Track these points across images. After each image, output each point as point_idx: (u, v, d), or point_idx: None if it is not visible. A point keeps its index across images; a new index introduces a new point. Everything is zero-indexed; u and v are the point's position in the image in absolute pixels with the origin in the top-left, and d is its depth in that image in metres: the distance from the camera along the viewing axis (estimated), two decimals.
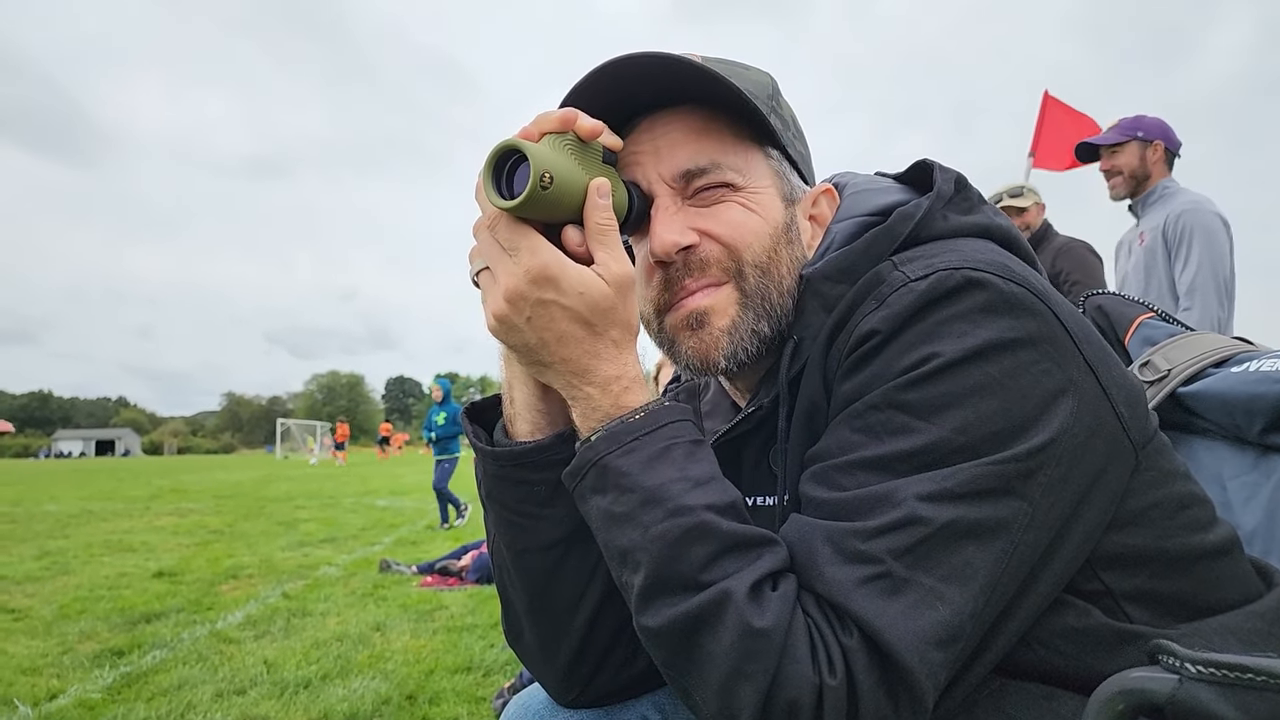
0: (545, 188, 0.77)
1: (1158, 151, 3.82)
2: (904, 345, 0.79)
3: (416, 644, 4.62)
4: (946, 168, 0.99)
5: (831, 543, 0.75)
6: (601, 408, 0.83)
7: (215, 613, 5.48)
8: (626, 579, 0.79)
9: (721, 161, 0.95)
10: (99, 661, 4.33)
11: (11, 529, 10.55)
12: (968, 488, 0.74)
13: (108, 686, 3.89)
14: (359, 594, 6.05)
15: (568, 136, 0.83)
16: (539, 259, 0.79)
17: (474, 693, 3.76)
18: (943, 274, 0.81)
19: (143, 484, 21.49)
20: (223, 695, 3.77)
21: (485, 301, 0.83)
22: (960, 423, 0.75)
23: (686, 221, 0.94)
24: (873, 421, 0.79)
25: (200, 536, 9.64)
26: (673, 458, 0.80)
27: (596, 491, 0.81)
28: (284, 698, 3.72)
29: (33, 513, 12.96)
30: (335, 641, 4.67)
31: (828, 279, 0.92)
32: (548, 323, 0.80)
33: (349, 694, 3.75)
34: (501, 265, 0.81)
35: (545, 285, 0.79)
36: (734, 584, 0.72)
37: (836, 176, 1.10)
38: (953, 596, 0.72)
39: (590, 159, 0.86)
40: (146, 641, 4.72)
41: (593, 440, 0.82)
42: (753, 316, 0.94)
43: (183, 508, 13.71)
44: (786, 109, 1.03)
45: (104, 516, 12.23)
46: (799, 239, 1.00)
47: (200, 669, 4.16)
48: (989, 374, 0.76)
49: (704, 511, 0.76)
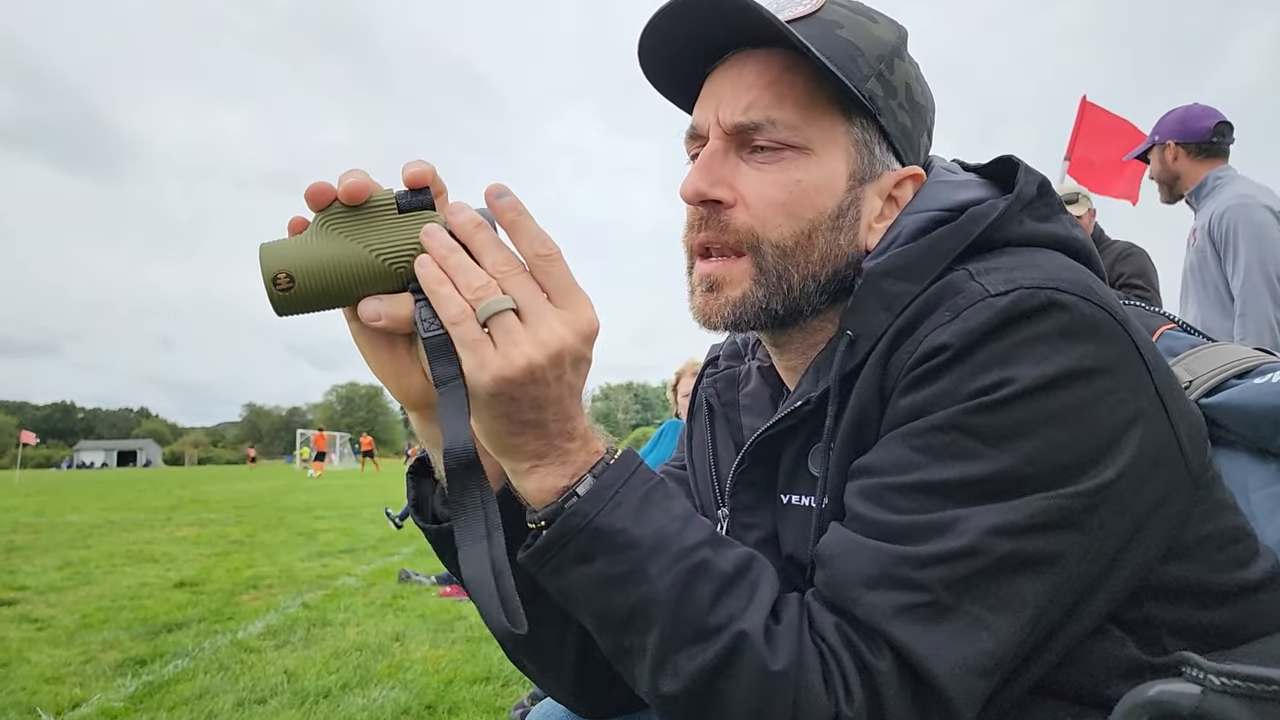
0: (286, 289, 0.71)
1: (1172, 150, 3.67)
2: (976, 365, 0.75)
3: (436, 654, 4.63)
4: (1032, 169, 0.93)
5: (878, 565, 0.72)
6: (579, 458, 0.76)
7: (236, 622, 5.52)
8: (633, 642, 0.75)
9: (780, 119, 0.87)
10: (121, 670, 4.36)
11: (35, 539, 10.66)
12: (1030, 521, 0.71)
13: (130, 695, 3.92)
14: (378, 604, 6.07)
15: (332, 212, 0.73)
16: (596, 318, 0.73)
17: (493, 703, 3.76)
18: (1025, 292, 0.76)
19: (164, 494, 21.68)
20: (244, 704, 3.79)
21: (504, 347, 0.70)
22: (1029, 453, 0.72)
23: (728, 173, 0.89)
24: (934, 442, 0.75)
25: (221, 547, 9.71)
26: (655, 500, 0.76)
27: (583, 560, 0.74)
28: (304, 707, 3.74)
29: (55, 523, 13.09)
30: (355, 651, 4.69)
31: (888, 275, 0.86)
32: (575, 381, 0.73)
33: (369, 704, 3.76)
34: (548, 317, 0.70)
35: (588, 347, 0.73)
36: (747, 625, 0.71)
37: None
38: (999, 626, 0.70)
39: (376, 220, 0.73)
40: (168, 651, 4.76)
41: (574, 505, 0.74)
42: (764, 294, 0.89)
43: (203, 518, 13.81)
44: (902, 73, 0.92)
45: (125, 527, 12.34)
46: (853, 224, 0.91)
47: (221, 678, 4.19)
48: (1063, 403, 0.73)
49: (701, 549, 0.74)
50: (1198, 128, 3.64)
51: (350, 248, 0.72)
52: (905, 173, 0.94)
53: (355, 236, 0.72)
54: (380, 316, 0.73)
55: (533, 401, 0.71)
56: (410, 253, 0.73)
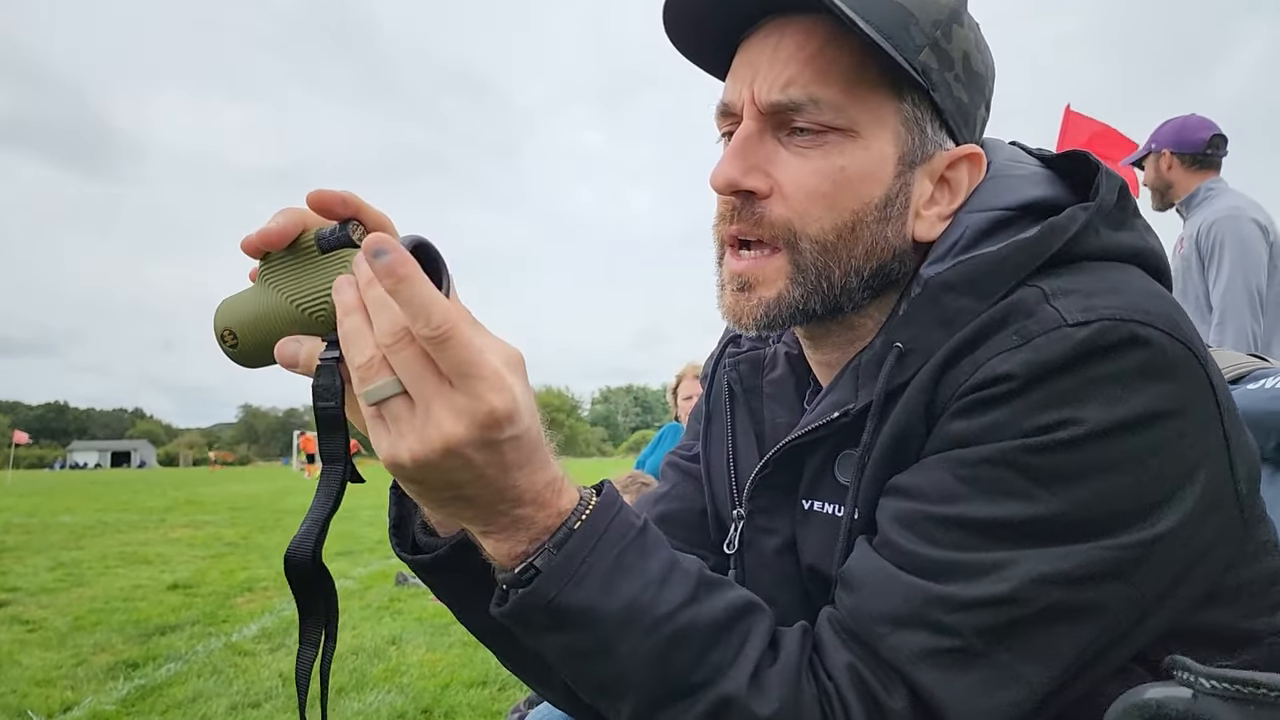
0: (234, 346, 0.70)
1: (1166, 159, 3.70)
2: (1041, 401, 0.69)
3: (432, 658, 4.63)
4: (1113, 172, 0.84)
5: (909, 604, 0.68)
6: (538, 523, 0.67)
7: (230, 625, 5.51)
8: (608, 706, 0.72)
9: (823, 98, 0.79)
10: (113, 674, 4.35)
11: (27, 540, 10.61)
12: (1079, 571, 0.67)
13: (122, 699, 3.92)
14: (375, 607, 6.06)
15: (269, 260, 0.68)
16: (502, 398, 0.59)
17: (490, 707, 3.76)
18: (1106, 324, 0.69)
19: (158, 495, 21.60)
20: (237, 708, 3.78)
21: (395, 434, 0.61)
22: (1086, 498, 0.68)
23: (764, 158, 0.81)
24: (984, 476, 0.70)
25: (215, 549, 9.69)
26: (627, 565, 0.68)
27: (550, 630, 0.69)
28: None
29: (48, 524, 13.04)
30: (351, 655, 4.68)
31: (950, 288, 0.78)
32: (493, 460, 0.62)
33: (364, 708, 3.76)
34: (442, 402, 0.59)
35: (503, 425, 0.60)
36: (730, 686, 0.67)
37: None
38: (1029, 677, 0.67)
39: (303, 265, 0.67)
40: (161, 654, 4.75)
41: (532, 583, 0.66)
42: (801, 294, 0.82)
43: (198, 520, 13.76)
44: (960, 40, 0.82)
45: (119, 528, 12.29)
46: (901, 213, 0.83)
47: (215, 682, 4.18)
48: (1131, 448, 0.68)
49: (679, 612, 0.68)
50: (1194, 139, 3.69)
51: (274, 299, 0.68)
52: (959, 153, 0.85)
53: (280, 285, 0.68)
54: (297, 362, 0.67)
55: (443, 484, 0.63)
56: (325, 300, 0.65)
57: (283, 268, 0.68)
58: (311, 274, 0.67)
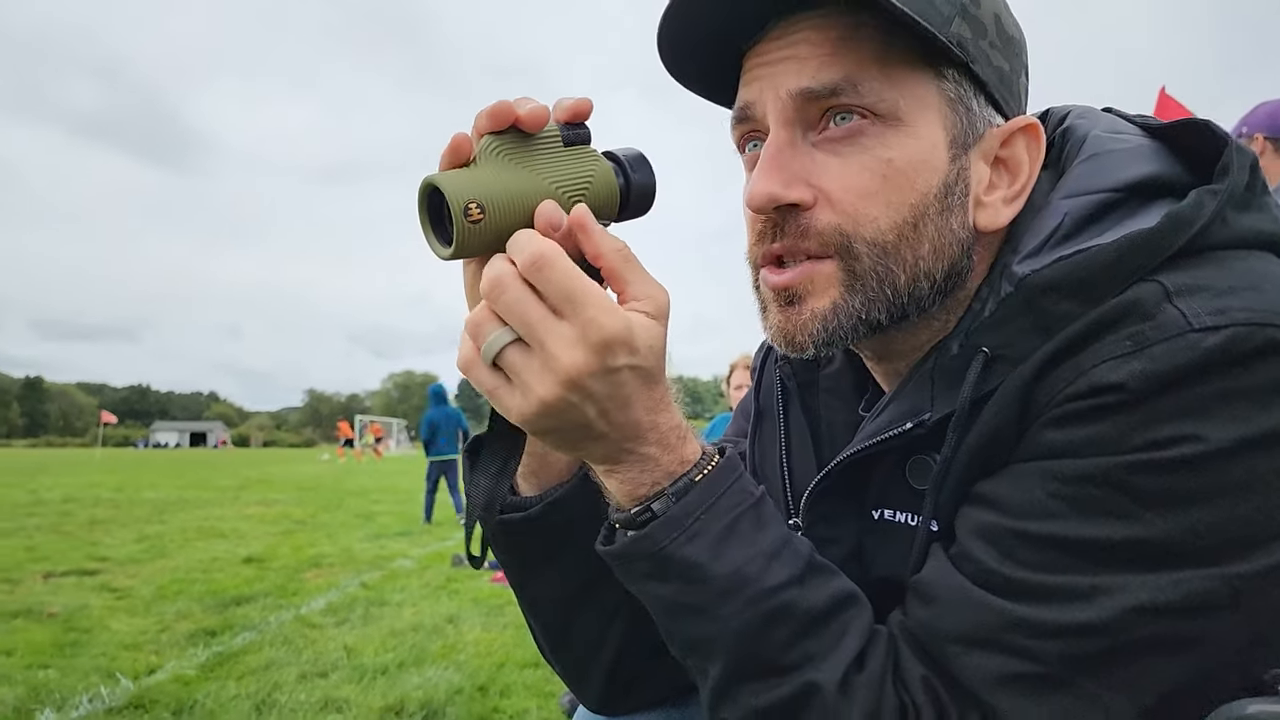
0: (477, 221, 0.62)
1: (1259, 145, 3.35)
2: (1157, 414, 0.60)
3: (488, 637, 4.76)
4: (1243, 147, 0.72)
5: (986, 626, 0.63)
6: (662, 465, 0.67)
7: (299, 599, 5.75)
8: (696, 664, 0.70)
9: (859, 79, 0.70)
10: (193, 640, 4.60)
11: (115, 514, 11.25)
12: (1185, 603, 0.59)
13: (201, 664, 4.14)
14: (432, 586, 6.25)
15: (502, 139, 0.66)
16: (612, 319, 0.59)
17: (543, 687, 3.85)
18: (1241, 330, 0.60)
19: (231, 474, 22.50)
20: (306, 677, 3.96)
21: (518, 387, 0.62)
22: (1200, 525, 0.59)
23: (801, 167, 0.72)
24: (1082, 494, 0.62)
25: (285, 525, 10.11)
26: (741, 531, 0.67)
27: (654, 578, 0.68)
28: (363, 683, 3.89)
29: (134, 499, 13.77)
30: (411, 631, 4.85)
31: (1054, 290, 0.68)
32: (614, 391, 0.61)
33: (424, 682, 3.89)
34: (553, 334, 0.59)
35: (619, 350, 0.60)
36: (822, 676, 0.64)
37: (1064, 116, 0.83)
38: (1117, 708, 0.60)
39: (544, 151, 0.67)
40: (237, 623, 5.00)
41: (648, 527, 0.66)
42: (861, 302, 0.73)
43: (268, 498, 14.36)
44: (989, 4, 0.74)
45: (197, 504, 12.92)
46: (962, 202, 0.74)
47: (286, 651, 4.38)
48: (1256, 471, 0.59)
49: (784, 590, 0.66)
50: None
51: (533, 179, 0.65)
52: (1013, 126, 0.76)
53: (533, 167, 0.66)
54: (561, 225, 0.63)
55: (574, 424, 0.63)
56: (582, 188, 0.67)
57: (524, 151, 0.66)
58: (563, 162, 0.67)
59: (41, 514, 11.05)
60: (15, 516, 10.65)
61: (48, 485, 17.14)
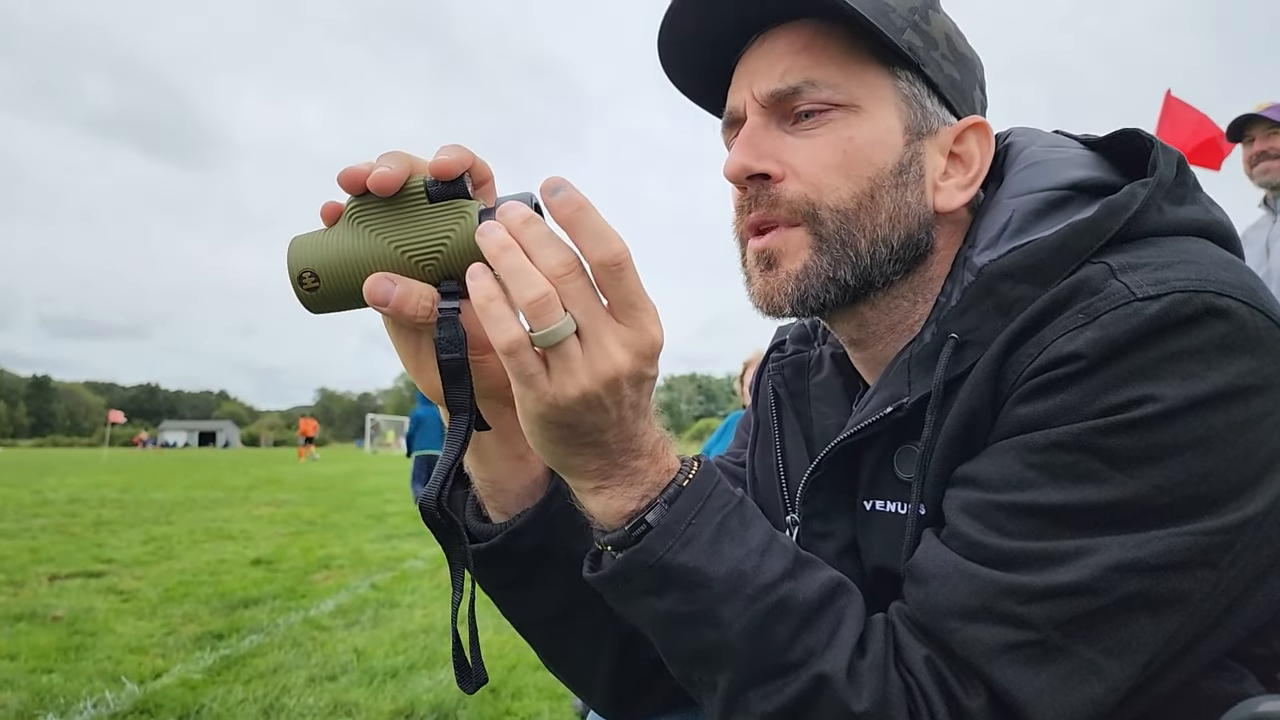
0: (311, 290, 0.66)
1: None
2: (1114, 379, 0.66)
3: (499, 639, 4.67)
4: (1169, 146, 0.82)
5: (980, 596, 0.67)
6: (649, 477, 0.69)
7: (308, 601, 5.67)
8: (702, 678, 0.71)
9: (820, 78, 0.81)
10: (200, 643, 4.52)
11: (121, 514, 11.20)
12: (1160, 559, 0.64)
13: (208, 668, 4.06)
14: (445, 588, 6.16)
15: (360, 201, 0.67)
16: (660, 332, 0.64)
17: (556, 689, 3.76)
18: (1179, 296, 0.66)
19: (241, 474, 22.54)
20: (315, 681, 3.88)
21: (561, 375, 0.62)
22: (1165, 481, 0.64)
23: (772, 147, 0.83)
24: (1054, 461, 0.67)
25: (294, 526, 10.03)
26: (731, 530, 0.69)
27: (651, 594, 0.69)
28: (373, 686, 3.81)
29: (140, 499, 13.74)
30: (421, 633, 4.77)
31: (1009, 277, 0.77)
32: (636, 401, 0.65)
33: (435, 685, 3.82)
34: (613, 334, 0.62)
35: (653, 363, 0.65)
36: (828, 666, 0.66)
37: (1008, 134, 0.94)
38: (1111, 671, 0.64)
39: (403, 211, 0.67)
40: (244, 626, 4.91)
41: (642, 540, 0.68)
42: (829, 262, 0.81)
43: (278, 498, 14.31)
44: (940, 24, 0.86)
45: (205, 505, 12.87)
46: (918, 180, 0.84)
47: (294, 654, 4.30)
48: (1213, 427, 0.65)
49: (780, 585, 0.68)
50: None
51: (375, 243, 0.66)
52: (964, 124, 0.87)
53: (382, 231, 0.66)
54: (389, 301, 0.65)
55: (591, 426, 0.65)
56: (439, 248, 0.66)
57: (382, 212, 0.67)
58: (420, 221, 0.66)
59: (47, 514, 11.00)
60: (20, 517, 10.60)
61: (53, 485, 17.13)
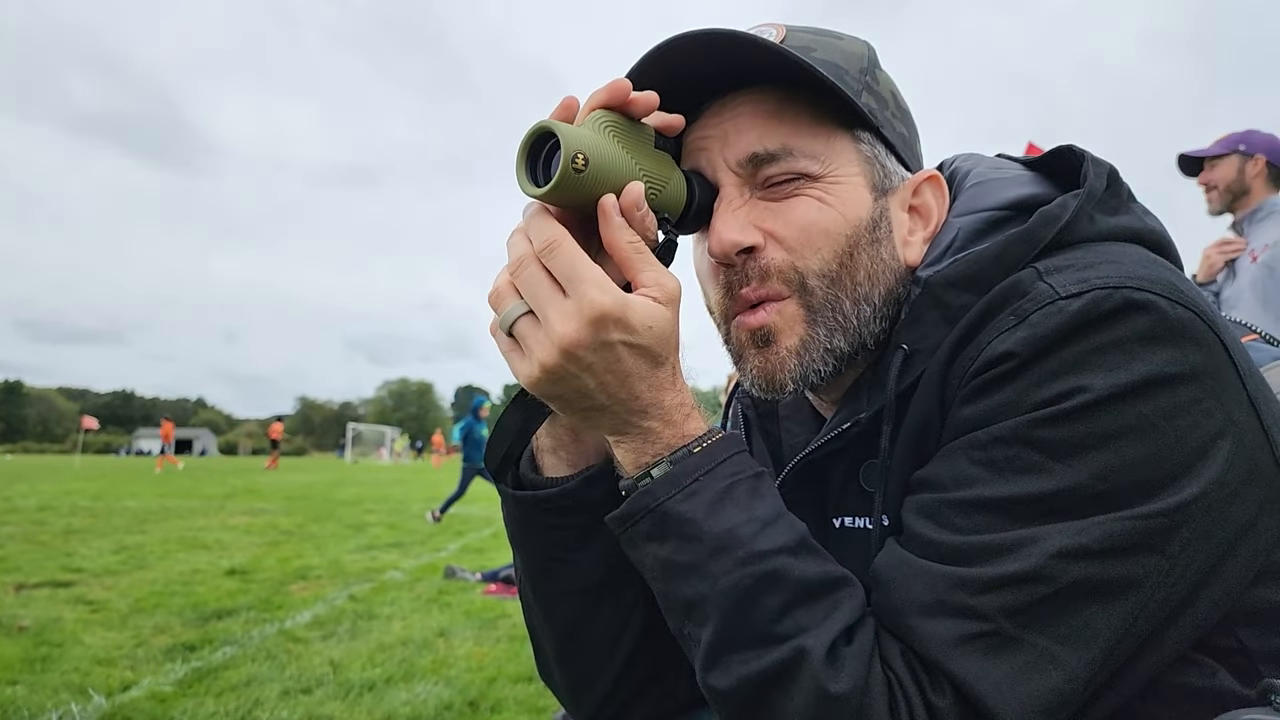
0: (580, 171, 0.69)
1: (1258, 166, 3.64)
2: (1045, 374, 0.69)
3: (479, 651, 4.61)
4: (1100, 159, 0.86)
5: (933, 591, 0.68)
6: (664, 439, 0.74)
7: (284, 612, 5.57)
8: (690, 631, 0.73)
9: (795, 147, 0.83)
10: (171, 655, 4.42)
11: (92, 523, 10.97)
12: (1102, 544, 0.66)
13: (179, 680, 3.97)
14: (424, 599, 6.09)
15: (611, 116, 0.75)
16: (606, 296, 0.68)
17: (535, 703, 3.71)
18: (1100, 293, 0.70)
19: (218, 483, 22.22)
20: (289, 694, 3.80)
21: (527, 353, 0.71)
22: (1101, 468, 0.67)
23: (752, 217, 0.84)
24: (997, 456, 0.70)
25: (271, 536, 9.87)
26: (737, 497, 0.72)
27: (653, 539, 0.73)
28: (349, 699, 3.73)
29: (113, 508, 13.48)
30: (400, 645, 4.69)
31: (952, 286, 0.81)
32: (611, 365, 0.70)
33: (412, 698, 3.75)
34: (555, 307, 0.69)
35: (611, 326, 0.68)
36: (810, 642, 0.67)
37: (954, 160, 0.98)
38: (1067, 660, 0.65)
39: (639, 142, 0.77)
40: (217, 637, 4.81)
41: (648, 485, 0.73)
42: (824, 333, 0.84)
43: (255, 508, 14.09)
44: (885, 83, 0.90)
45: (180, 514, 12.64)
46: (888, 236, 0.87)
47: (268, 667, 4.21)
48: (1142, 414, 0.67)
49: (776, 556, 0.70)
50: None
51: (628, 160, 0.75)
52: (919, 177, 0.91)
53: (631, 152, 0.76)
54: (639, 208, 0.73)
55: (575, 393, 0.72)
56: (659, 185, 0.78)
57: (627, 135, 0.76)
58: (651, 159, 0.79)
59: (14, 522, 10.77)
60: None
61: (23, 493, 16.79)
